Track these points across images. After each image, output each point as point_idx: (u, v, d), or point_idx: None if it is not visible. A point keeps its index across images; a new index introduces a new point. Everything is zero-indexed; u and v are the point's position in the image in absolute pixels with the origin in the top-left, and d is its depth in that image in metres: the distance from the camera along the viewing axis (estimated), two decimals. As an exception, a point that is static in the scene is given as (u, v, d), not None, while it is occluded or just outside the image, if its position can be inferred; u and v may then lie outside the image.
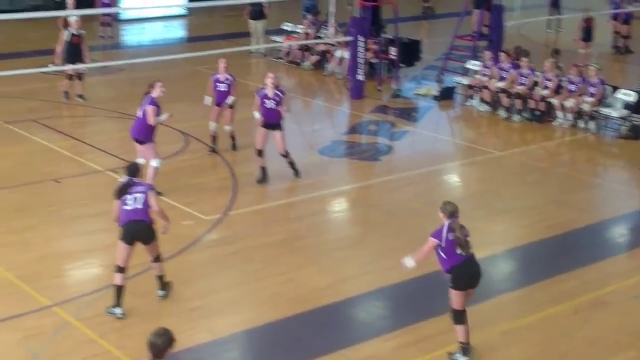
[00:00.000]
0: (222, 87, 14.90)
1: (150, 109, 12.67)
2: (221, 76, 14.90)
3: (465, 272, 8.77)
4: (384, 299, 10.39)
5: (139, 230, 9.55)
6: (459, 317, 8.83)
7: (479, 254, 11.49)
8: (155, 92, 12.88)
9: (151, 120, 12.67)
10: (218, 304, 10.07)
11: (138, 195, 9.52)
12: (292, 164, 14.03)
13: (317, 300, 10.18)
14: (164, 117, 12.93)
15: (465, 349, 8.93)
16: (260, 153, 13.79)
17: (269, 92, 13.62)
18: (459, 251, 8.71)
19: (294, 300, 10.15)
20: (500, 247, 12.00)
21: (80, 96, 18.32)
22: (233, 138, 15.32)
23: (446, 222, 8.80)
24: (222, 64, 14.85)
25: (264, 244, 11.72)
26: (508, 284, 11.02)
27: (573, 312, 10.11)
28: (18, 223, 12.10)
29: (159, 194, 11.33)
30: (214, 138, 15.17)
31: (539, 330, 9.69)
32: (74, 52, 17.81)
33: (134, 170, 9.75)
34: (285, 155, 13.89)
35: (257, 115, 13.59)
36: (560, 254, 11.76)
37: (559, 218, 12.89)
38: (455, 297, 8.78)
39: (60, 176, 13.84)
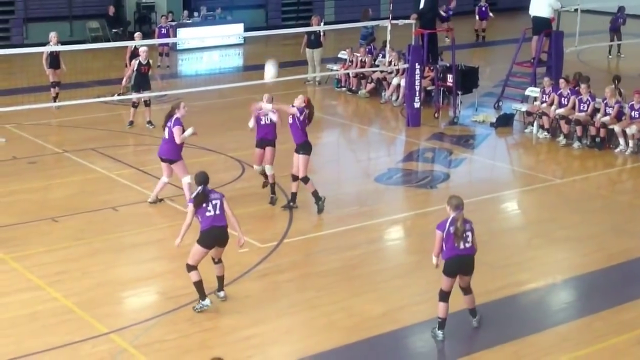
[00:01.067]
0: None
1: (176, 129, 13.34)
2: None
3: (457, 263, 9.62)
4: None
5: (220, 235, 10.26)
6: (443, 296, 9.77)
7: (538, 283, 11.42)
8: (180, 112, 13.53)
9: (178, 139, 13.35)
10: (273, 333, 10.03)
11: (216, 202, 10.20)
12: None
13: (372, 329, 10.08)
14: (189, 132, 13.51)
15: (441, 323, 9.84)
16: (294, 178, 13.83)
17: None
18: (455, 244, 9.51)
19: (348, 329, 10.06)
20: (560, 276, 11.77)
21: (150, 122, 18.74)
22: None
23: (451, 215, 9.53)
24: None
25: (318, 272, 11.67)
26: (568, 313, 10.77)
27: (637, 342, 9.84)
28: (77, 250, 12.24)
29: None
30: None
31: (601, 361, 9.45)
32: (142, 81, 18.29)
33: (205, 179, 10.32)
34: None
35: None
36: (622, 283, 11.48)
37: (620, 247, 12.60)
38: (444, 281, 9.72)
39: (118, 204, 13.99)
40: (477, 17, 30.27)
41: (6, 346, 9.54)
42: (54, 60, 19.68)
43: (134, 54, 19.32)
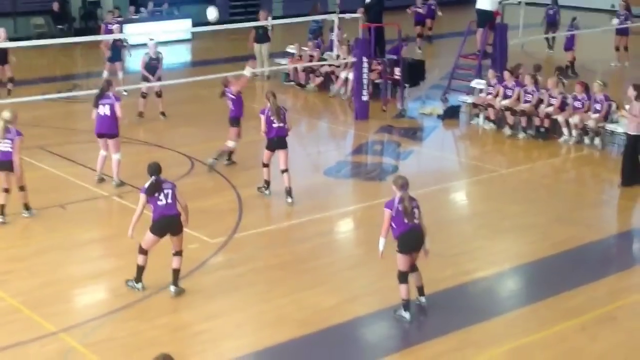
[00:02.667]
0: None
1: (118, 104, 14.20)
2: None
3: (409, 239, 9.93)
4: (390, 318, 10.31)
5: (171, 223, 10.46)
6: (404, 277, 10.02)
7: (485, 272, 11.61)
8: (112, 90, 14.44)
9: (120, 112, 14.25)
10: (224, 327, 10.05)
11: (168, 191, 10.46)
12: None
13: (323, 321, 10.16)
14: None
15: (406, 305, 10.09)
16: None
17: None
18: (405, 220, 9.84)
19: (300, 322, 10.12)
20: (506, 264, 11.98)
21: (162, 113, 19.11)
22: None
23: (398, 194, 9.93)
24: None
25: (269, 265, 11.71)
26: (514, 301, 10.97)
27: (581, 328, 10.06)
28: (23, 250, 12.12)
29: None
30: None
31: (546, 347, 9.65)
32: (151, 74, 18.88)
33: (158, 168, 10.64)
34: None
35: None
36: (567, 270, 11.71)
37: (565, 235, 12.85)
38: (401, 260, 9.98)
39: (66, 202, 13.87)
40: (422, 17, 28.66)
41: (-48, 348, 9.42)
42: (2, 55, 19.47)
43: (116, 45, 20.73)
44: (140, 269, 10.66)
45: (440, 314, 10.39)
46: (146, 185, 10.51)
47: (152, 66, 19.03)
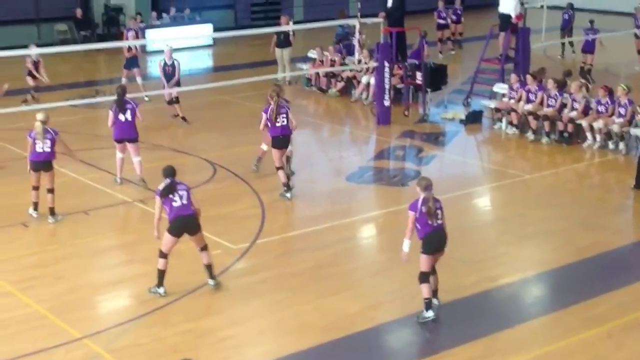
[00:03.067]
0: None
1: (138, 109, 14.64)
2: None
3: (433, 240, 10.01)
4: (414, 325, 10.28)
5: (187, 223, 10.58)
6: (425, 277, 10.10)
7: (509, 278, 11.54)
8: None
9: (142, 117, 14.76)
10: (247, 334, 10.05)
11: (183, 192, 10.60)
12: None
13: (346, 327, 10.13)
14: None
15: (429, 304, 10.14)
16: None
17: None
18: (429, 221, 9.93)
19: (323, 329, 10.10)
20: (530, 271, 11.89)
21: (184, 118, 19.12)
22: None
23: (422, 196, 10.01)
24: None
25: (292, 272, 11.70)
26: (539, 308, 10.90)
27: (606, 336, 9.97)
28: (48, 255, 12.19)
29: None
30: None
31: (571, 355, 9.58)
32: (166, 80, 19.07)
33: (173, 171, 10.73)
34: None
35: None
36: (592, 277, 11.62)
37: (589, 241, 12.76)
38: (424, 261, 10.07)
39: (89, 208, 13.93)
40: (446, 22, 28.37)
41: (-22, 354, 9.49)
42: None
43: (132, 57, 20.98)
44: (161, 273, 10.72)
45: (465, 321, 10.34)
46: (160, 187, 10.64)
47: (167, 73, 19.10)
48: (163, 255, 10.67)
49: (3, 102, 17.28)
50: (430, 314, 10.16)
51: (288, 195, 14.28)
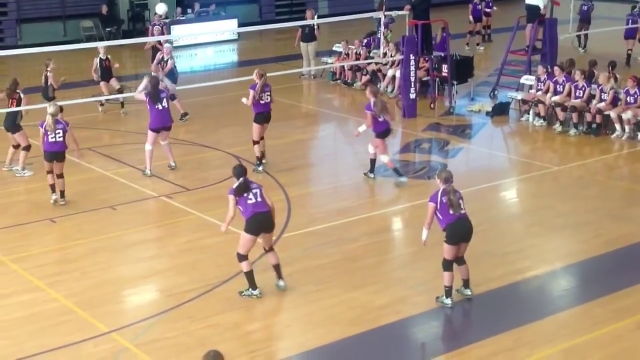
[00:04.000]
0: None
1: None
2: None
3: (457, 230, 10.09)
4: (441, 318, 10.26)
5: (264, 220, 10.46)
6: (448, 265, 10.20)
7: (537, 270, 11.45)
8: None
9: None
10: (274, 327, 10.06)
11: (256, 190, 10.47)
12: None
13: (373, 320, 10.10)
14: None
15: (449, 291, 10.27)
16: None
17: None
18: (451, 211, 9.99)
19: (350, 322, 10.08)
20: (558, 263, 11.80)
21: (186, 114, 19.13)
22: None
23: (441, 187, 10.11)
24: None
25: (318, 265, 11.68)
26: (567, 300, 10.80)
27: (636, 327, 9.87)
28: (75, 250, 12.25)
29: None
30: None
31: (600, 347, 9.49)
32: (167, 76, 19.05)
33: (244, 170, 10.61)
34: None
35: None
36: (621, 269, 11.51)
37: (618, 232, 12.63)
38: (447, 250, 10.17)
39: (116, 203, 14.00)
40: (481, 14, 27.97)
41: (6, 348, 9.55)
42: (105, 71, 19.44)
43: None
44: (250, 275, 10.57)
45: (493, 314, 10.29)
46: (234, 186, 10.50)
47: (162, 69, 19.03)
48: (243, 257, 10.49)
49: (30, 100, 17.38)
50: (448, 301, 10.27)
51: (260, 168, 15.24)
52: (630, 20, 24.74)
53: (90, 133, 18.25)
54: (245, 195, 10.44)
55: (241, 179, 10.53)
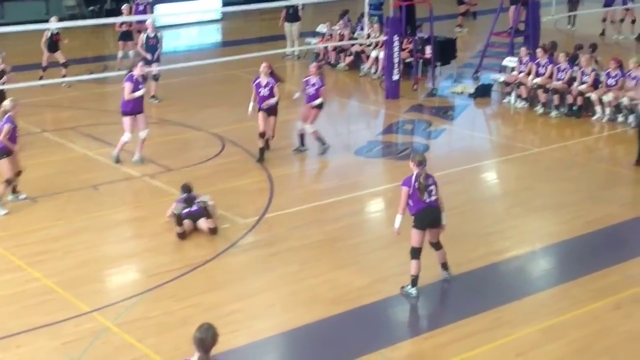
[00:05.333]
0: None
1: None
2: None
3: (425, 215, 9.97)
4: (422, 298, 10.31)
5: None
6: (415, 253, 10.08)
7: (518, 251, 11.55)
8: (137, 71, 14.56)
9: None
10: (257, 307, 10.09)
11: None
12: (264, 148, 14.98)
13: (356, 300, 10.17)
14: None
15: (414, 281, 10.17)
16: (261, 135, 14.86)
17: (262, 80, 14.71)
18: (422, 197, 9.89)
19: (332, 301, 10.14)
20: (539, 243, 11.90)
21: (154, 97, 18.81)
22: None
23: (415, 171, 9.94)
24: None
25: (301, 245, 11.72)
26: (547, 280, 10.90)
27: (614, 307, 9.98)
28: (57, 230, 12.23)
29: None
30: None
31: (579, 326, 9.58)
32: (151, 53, 18.76)
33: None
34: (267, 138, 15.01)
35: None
36: (601, 249, 11.62)
37: (597, 214, 12.74)
38: (415, 236, 10.04)
39: (99, 183, 13.97)
40: None
41: (-11, 327, 9.56)
42: (53, 44, 19.72)
43: (127, 31, 20.62)
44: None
45: (473, 294, 10.37)
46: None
47: (151, 45, 18.83)
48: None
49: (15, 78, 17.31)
50: (414, 291, 10.18)
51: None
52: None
53: (72, 112, 18.21)
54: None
55: (185, 194, 11.76)
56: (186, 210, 11.91)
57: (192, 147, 16.07)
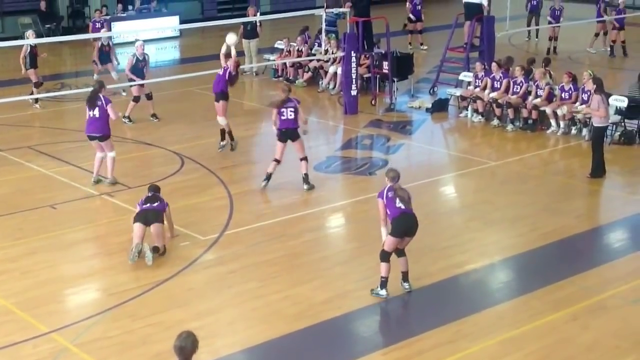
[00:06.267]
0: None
1: (111, 106, 14.14)
2: None
3: (404, 221, 10.29)
4: (382, 312, 10.41)
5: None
6: (385, 256, 10.41)
7: (476, 264, 11.68)
8: (104, 91, 14.44)
9: (114, 115, 14.24)
10: (217, 325, 10.07)
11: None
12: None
13: (316, 316, 10.20)
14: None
15: (384, 283, 10.49)
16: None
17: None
18: (398, 205, 10.24)
19: (293, 317, 10.16)
20: (497, 256, 12.03)
21: (154, 115, 18.76)
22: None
23: (388, 185, 10.41)
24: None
25: (261, 262, 11.73)
26: (505, 293, 11.02)
27: (572, 318, 10.12)
28: (15, 250, 12.10)
29: None
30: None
31: (538, 338, 9.71)
32: (140, 76, 18.38)
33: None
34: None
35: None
36: (558, 261, 11.78)
37: (554, 225, 12.92)
38: (389, 242, 10.34)
39: (57, 202, 13.86)
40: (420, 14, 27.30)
41: (-55, 350, 9.42)
42: (34, 59, 19.43)
43: (103, 51, 20.52)
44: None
45: (433, 307, 10.46)
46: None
47: (140, 68, 18.38)
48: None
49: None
50: (383, 292, 10.49)
51: (263, 184, 14.47)
52: (597, 10, 25.65)
53: (28, 131, 18.06)
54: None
55: (151, 193, 11.66)
56: (147, 205, 11.80)
57: (151, 164, 16.01)
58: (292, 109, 14.29)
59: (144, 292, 10.69)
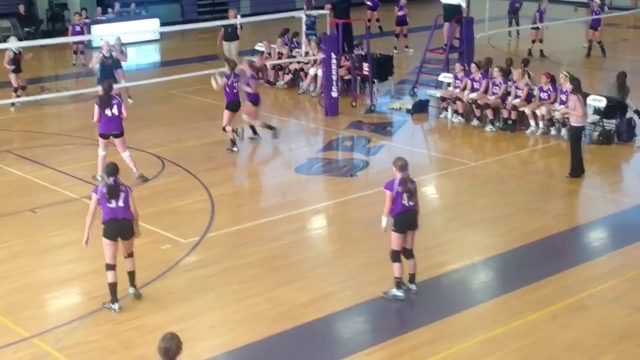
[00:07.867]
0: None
1: (123, 105, 14.60)
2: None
3: (406, 218, 10.39)
4: (364, 313, 10.44)
5: (121, 228, 10.28)
6: (396, 256, 10.45)
7: (456, 264, 11.74)
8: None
9: (126, 113, 14.57)
10: (199, 328, 10.07)
11: (122, 194, 10.31)
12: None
13: (298, 318, 10.22)
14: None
15: (399, 283, 10.51)
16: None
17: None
18: (404, 202, 10.27)
19: (274, 319, 10.17)
20: (477, 257, 12.08)
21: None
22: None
23: (398, 176, 10.30)
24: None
25: (243, 264, 11.74)
26: (486, 293, 11.09)
27: (551, 317, 10.19)
28: (-5, 255, 12.06)
29: None
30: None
31: (517, 337, 9.77)
32: (108, 75, 18.06)
33: (115, 170, 10.43)
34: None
35: None
36: (537, 261, 11.86)
37: (534, 225, 13.01)
38: (395, 239, 10.40)
39: (36, 206, 13.81)
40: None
41: None
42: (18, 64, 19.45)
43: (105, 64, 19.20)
44: (112, 287, 10.35)
45: (415, 307, 10.52)
46: (103, 186, 10.35)
47: (107, 66, 18.44)
48: (109, 267, 10.29)
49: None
50: (400, 293, 10.52)
51: (235, 149, 16.22)
52: (593, 12, 25.82)
53: (8, 135, 17.97)
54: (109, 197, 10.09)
55: (111, 178, 10.23)
56: (112, 204, 10.23)
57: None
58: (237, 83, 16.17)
59: (124, 296, 10.66)
